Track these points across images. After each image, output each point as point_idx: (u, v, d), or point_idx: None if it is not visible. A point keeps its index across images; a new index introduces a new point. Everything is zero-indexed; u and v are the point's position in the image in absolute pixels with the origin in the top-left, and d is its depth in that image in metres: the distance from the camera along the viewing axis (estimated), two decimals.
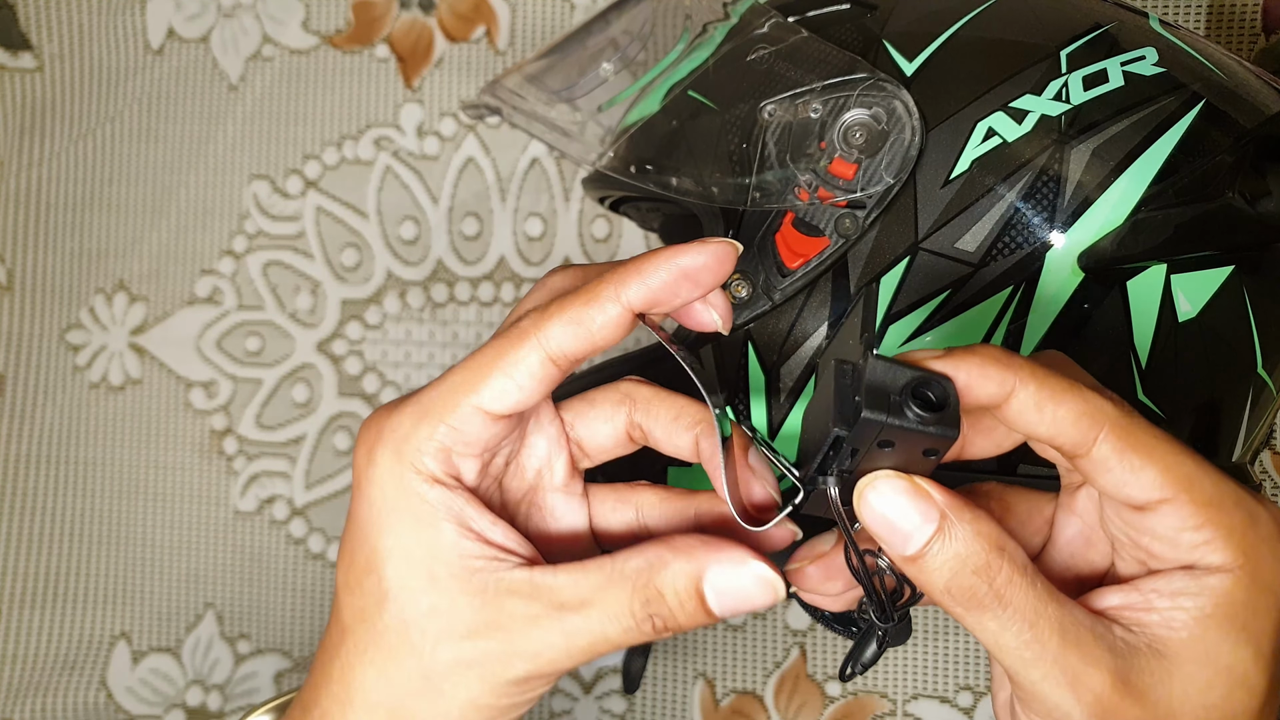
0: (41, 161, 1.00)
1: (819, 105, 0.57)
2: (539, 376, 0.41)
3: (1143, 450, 0.38)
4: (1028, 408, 0.38)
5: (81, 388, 1.00)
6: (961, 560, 0.38)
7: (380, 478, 0.42)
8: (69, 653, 0.98)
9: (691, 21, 0.64)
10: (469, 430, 0.42)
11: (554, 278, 0.45)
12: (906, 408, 0.37)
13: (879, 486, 0.38)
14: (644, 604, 0.41)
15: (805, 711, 0.88)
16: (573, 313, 0.41)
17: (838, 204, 0.57)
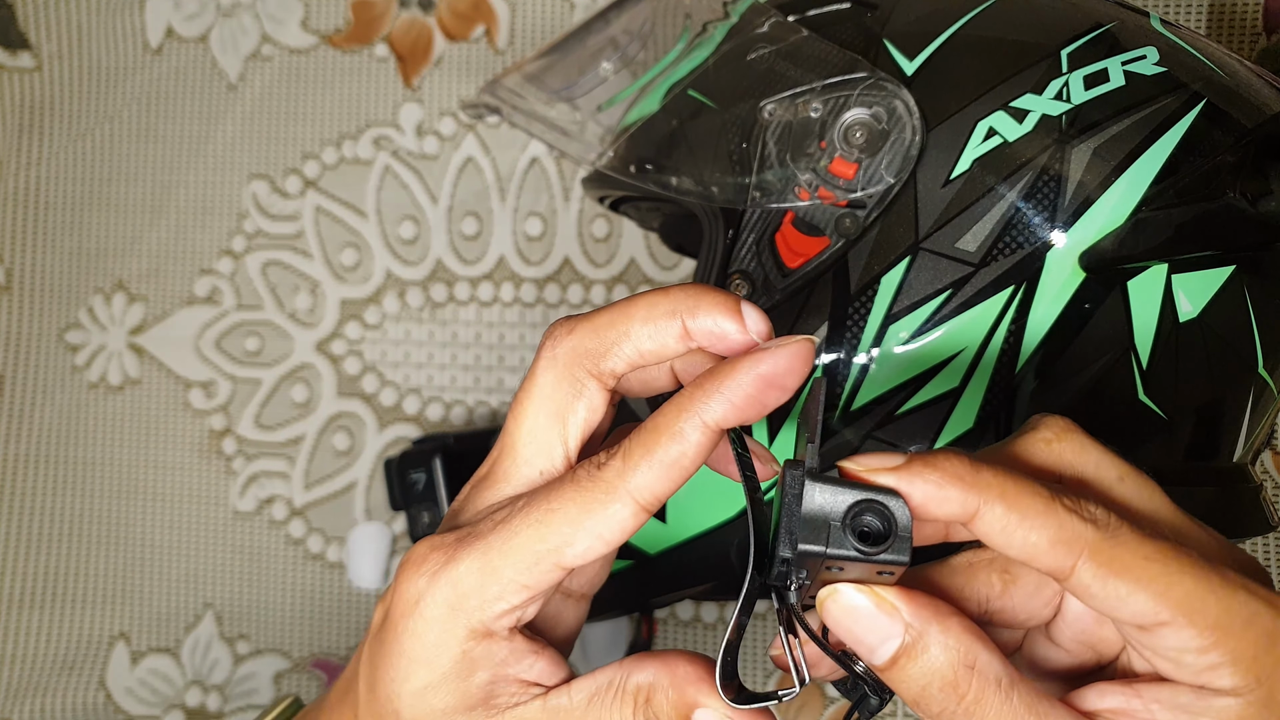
0: (40, 161, 1.00)
1: (819, 104, 0.57)
2: (628, 527, 0.39)
3: (1130, 575, 0.35)
4: (994, 531, 0.36)
5: (80, 387, 1.00)
6: (929, 676, 0.36)
7: (423, 631, 0.40)
8: (68, 653, 0.98)
9: (691, 20, 0.64)
10: (543, 587, 0.40)
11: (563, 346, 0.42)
12: (846, 538, 0.35)
13: (839, 599, 0.37)
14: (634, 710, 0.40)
15: (805, 712, 0.88)
16: (660, 454, 0.38)
17: (838, 203, 0.57)
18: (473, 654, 0.40)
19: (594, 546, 0.39)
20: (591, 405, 0.42)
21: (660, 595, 0.64)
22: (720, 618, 0.89)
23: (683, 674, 0.40)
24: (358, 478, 0.95)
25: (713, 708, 0.39)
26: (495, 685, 0.41)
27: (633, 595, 0.64)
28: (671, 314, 0.40)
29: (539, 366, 0.42)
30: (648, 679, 0.40)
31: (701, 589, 0.65)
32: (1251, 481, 0.62)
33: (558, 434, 0.42)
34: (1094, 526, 0.35)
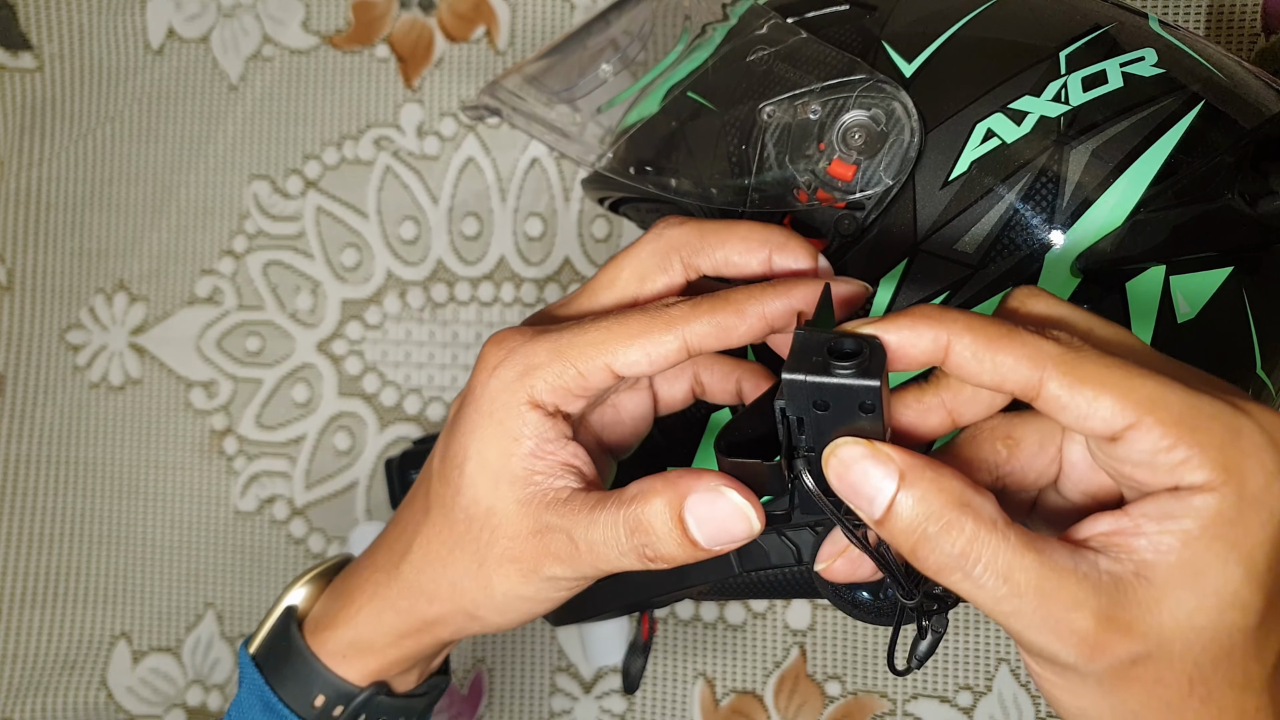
0: (42, 161, 1.00)
1: (818, 106, 0.57)
2: (672, 359, 0.46)
3: (1094, 382, 0.37)
4: (965, 360, 0.39)
5: (81, 387, 1.00)
6: (925, 519, 0.38)
7: (495, 390, 0.47)
8: (69, 652, 0.98)
9: (691, 22, 0.64)
10: (593, 381, 0.46)
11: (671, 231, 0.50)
12: (827, 365, 0.38)
13: (839, 451, 0.39)
14: (630, 532, 0.45)
15: (805, 711, 0.88)
16: (721, 318, 0.45)
17: (836, 205, 0.57)
18: (525, 418, 0.47)
19: (640, 362, 0.45)
20: (670, 283, 0.50)
21: (662, 594, 0.65)
22: (720, 616, 0.89)
23: (670, 476, 0.45)
24: (359, 477, 0.95)
25: (703, 486, 0.44)
26: (534, 461, 0.47)
27: (635, 594, 0.64)
28: (764, 243, 0.49)
29: (644, 240, 0.50)
30: (635, 491, 0.45)
31: (702, 588, 0.65)
32: None
33: (634, 287, 0.50)
34: (1056, 344, 0.38)
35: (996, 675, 0.86)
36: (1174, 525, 0.37)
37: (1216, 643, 0.38)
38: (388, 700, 0.56)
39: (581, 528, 0.46)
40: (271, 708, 0.55)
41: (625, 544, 0.46)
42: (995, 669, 0.86)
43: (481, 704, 0.92)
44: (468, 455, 0.48)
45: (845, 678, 0.88)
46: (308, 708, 0.55)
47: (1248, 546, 0.37)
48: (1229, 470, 0.37)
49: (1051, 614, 0.37)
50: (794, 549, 0.61)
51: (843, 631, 0.88)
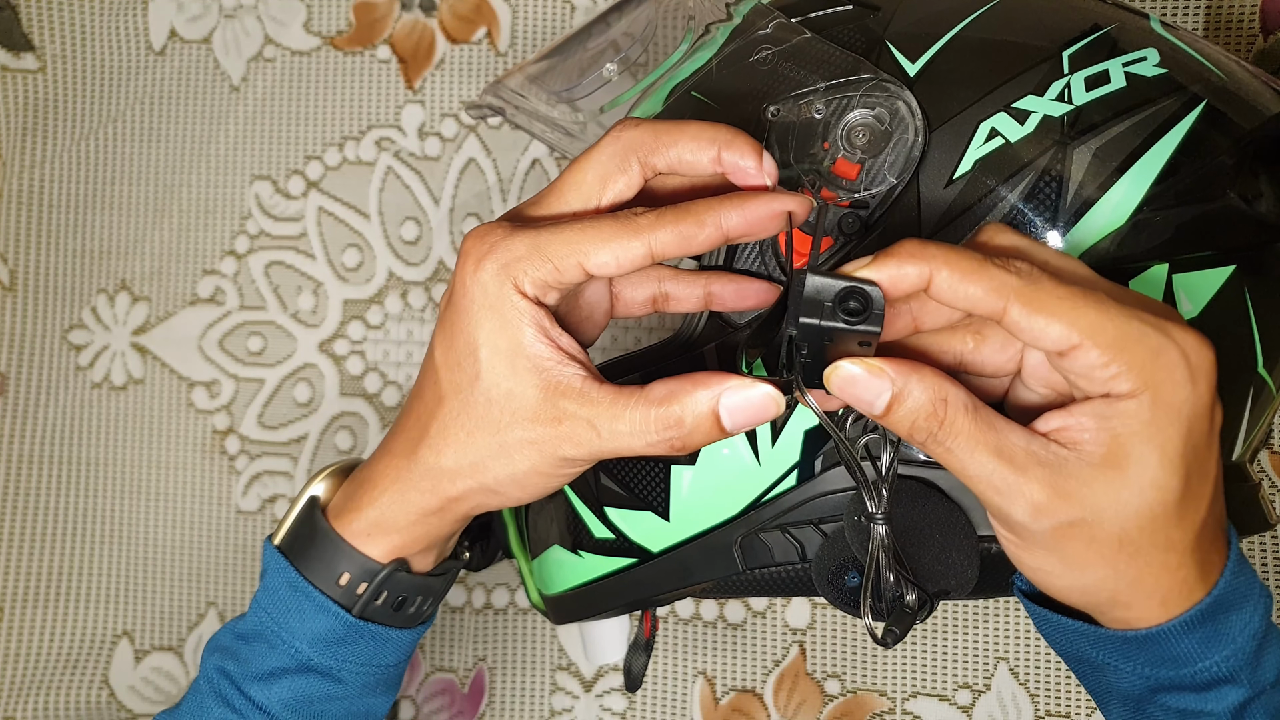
0: (44, 161, 1.00)
1: (822, 105, 0.57)
2: (638, 263, 0.50)
3: (1046, 310, 0.45)
4: (944, 288, 0.46)
5: (84, 387, 0.99)
6: (915, 411, 0.47)
7: (484, 281, 0.51)
8: (71, 651, 0.98)
9: (695, 22, 0.63)
10: (568, 276, 0.50)
11: (628, 133, 0.53)
12: (837, 314, 0.45)
13: (839, 371, 0.47)
14: (662, 428, 0.50)
15: (804, 709, 0.88)
16: (683, 228, 0.50)
17: (841, 204, 0.57)
18: (519, 306, 0.51)
19: (609, 264, 0.50)
20: (630, 182, 0.53)
21: (663, 593, 0.65)
22: (720, 615, 0.89)
23: (702, 377, 0.50)
24: None
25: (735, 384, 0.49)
26: (539, 344, 0.51)
27: (636, 592, 0.64)
28: (713, 141, 0.52)
29: (603, 142, 0.53)
30: (666, 390, 0.50)
31: (703, 586, 0.65)
32: (1249, 480, 0.62)
33: (597, 191, 0.53)
34: (1018, 276, 0.46)
35: (995, 674, 0.86)
36: (1107, 425, 0.46)
37: (1140, 515, 0.47)
38: (408, 577, 0.59)
39: (605, 419, 0.50)
40: (297, 587, 0.58)
41: (655, 436, 0.50)
42: (994, 668, 0.86)
43: (482, 702, 0.92)
44: (479, 343, 0.52)
45: (845, 676, 0.88)
46: (333, 585, 0.58)
47: (1163, 441, 0.46)
48: (1148, 383, 0.45)
49: (1008, 480, 0.47)
50: (798, 546, 0.61)
51: (842, 630, 0.88)
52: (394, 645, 0.61)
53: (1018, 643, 0.85)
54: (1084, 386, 0.47)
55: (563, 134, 0.66)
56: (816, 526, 0.60)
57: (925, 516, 0.57)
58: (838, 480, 0.59)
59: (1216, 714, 0.51)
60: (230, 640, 0.61)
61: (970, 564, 0.57)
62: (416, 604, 0.61)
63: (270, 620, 0.59)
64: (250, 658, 0.59)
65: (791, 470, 0.60)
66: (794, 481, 0.60)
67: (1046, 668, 0.85)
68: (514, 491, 0.55)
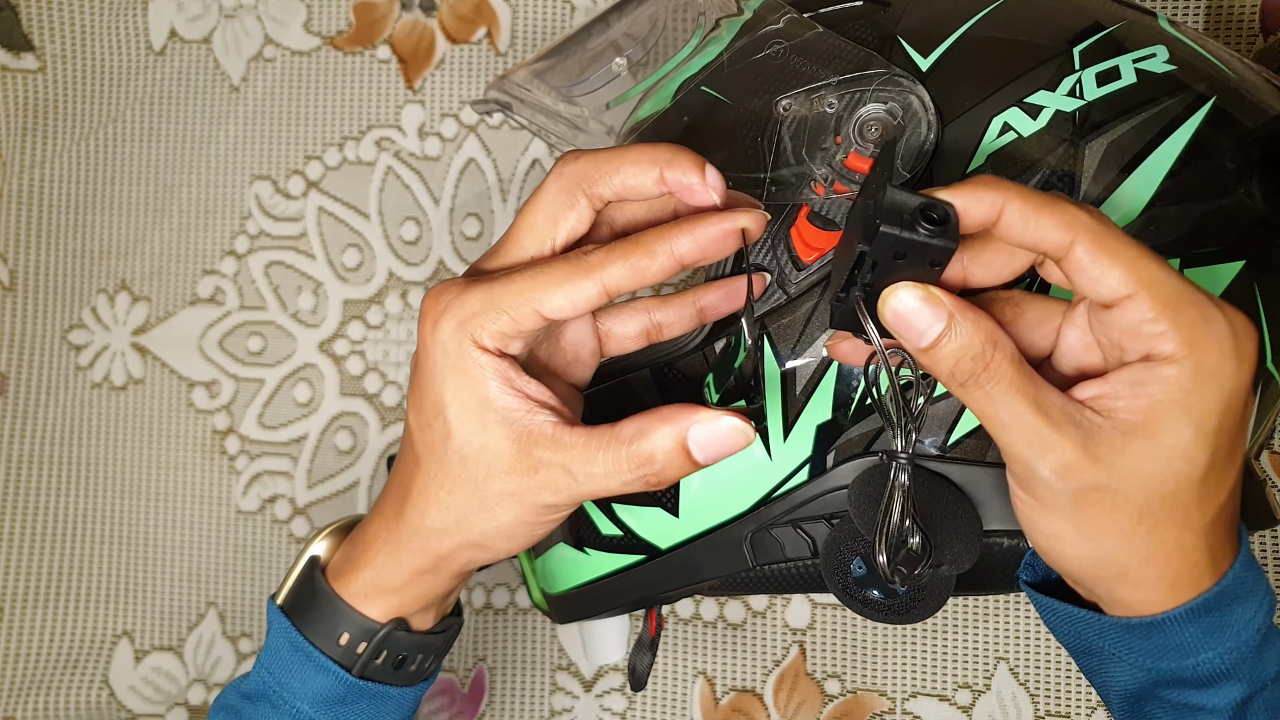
0: (44, 162, 1.00)
1: (834, 100, 0.57)
2: (594, 303, 0.50)
3: (1111, 253, 0.45)
4: (1015, 221, 0.46)
5: (84, 387, 0.99)
6: (963, 349, 0.46)
7: (444, 341, 0.51)
8: (71, 651, 0.98)
9: (704, 18, 0.63)
10: (525, 325, 0.50)
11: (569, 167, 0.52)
12: (917, 224, 0.44)
13: (900, 293, 0.46)
14: (634, 466, 0.50)
15: (804, 709, 0.88)
16: (634, 260, 0.49)
17: (853, 198, 0.57)
18: (480, 361, 0.50)
19: (564, 307, 0.49)
20: (580, 217, 0.52)
21: (670, 590, 0.64)
22: (720, 615, 0.89)
23: (668, 412, 0.50)
24: (360, 477, 0.95)
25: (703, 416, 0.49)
26: (505, 395, 0.51)
27: (643, 590, 0.64)
28: (654, 162, 0.51)
29: (548, 180, 0.52)
30: (635, 428, 0.50)
31: (711, 583, 0.65)
32: (1255, 475, 0.62)
33: (549, 232, 0.52)
34: (1089, 215, 0.45)
35: (995, 674, 0.86)
36: (1144, 391, 0.46)
37: (1165, 486, 0.47)
38: (407, 636, 0.59)
39: (579, 463, 0.50)
40: (298, 646, 0.59)
41: (629, 475, 0.50)
42: (994, 668, 0.86)
43: (482, 702, 0.92)
44: (446, 401, 0.51)
45: (845, 676, 0.88)
46: (333, 645, 0.58)
47: (1200, 413, 0.46)
48: (1193, 347, 0.45)
49: (1040, 435, 0.46)
50: (809, 541, 0.61)
51: (842, 630, 0.88)
52: (396, 704, 0.61)
53: (1018, 643, 0.85)
54: (1126, 345, 0.47)
55: (568, 128, 0.66)
56: (828, 521, 0.60)
57: (934, 500, 0.57)
58: (849, 475, 0.59)
59: (1218, 710, 0.51)
60: (236, 699, 0.62)
61: (972, 548, 0.57)
62: (417, 662, 0.61)
63: (273, 680, 0.60)
64: (254, 717, 0.60)
65: (803, 465, 0.60)
66: (805, 477, 0.60)
67: (1046, 668, 0.85)
68: (501, 544, 0.55)
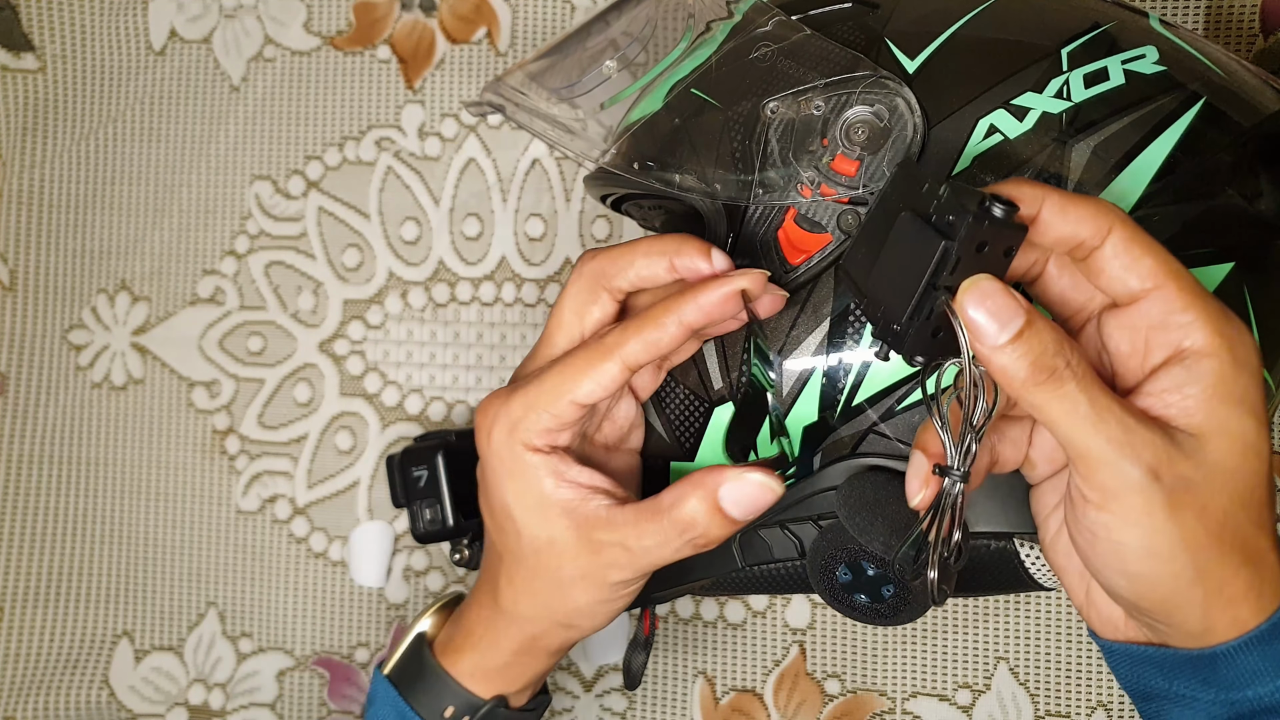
0: (44, 161, 1.00)
1: (821, 102, 0.57)
2: (619, 381, 0.55)
3: (1142, 244, 0.46)
4: (1054, 214, 0.46)
5: (84, 387, 0.99)
6: (1044, 344, 0.45)
7: (499, 449, 0.56)
8: (71, 651, 0.98)
9: (694, 20, 0.63)
10: (565, 418, 0.55)
11: (588, 266, 0.58)
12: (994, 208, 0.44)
13: (982, 284, 0.45)
14: (679, 532, 0.54)
15: (804, 709, 0.88)
16: (646, 335, 0.54)
17: (840, 200, 0.57)
18: (531, 462, 0.56)
19: (594, 390, 0.54)
20: (604, 310, 0.57)
21: (663, 590, 0.65)
22: (720, 615, 0.89)
23: (698, 479, 0.54)
24: (360, 476, 0.95)
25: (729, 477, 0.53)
26: (560, 489, 0.56)
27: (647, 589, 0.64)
28: (663, 253, 0.56)
29: (570, 280, 0.58)
30: (672, 499, 0.54)
31: (704, 583, 0.65)
32: None
33: (578, 325, 0.58)
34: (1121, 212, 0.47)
35: (995, 674, 0.85)
36: (1189, 391, 0.46)
37: (1241, 484, 0.46)
38: (505, 713, 0.64)
39: (633, 539, 0.55)
40: (406, 717, 0.63)
41: (677, 541, 0.55)
42: (994, 667, 0.85)
43: None
44: (510, 505, 0.57)
45: (845, 676, 0.88)
46: (438, 717, 0.63)
47: (1250, 402, 0.46)
48: (1223, 336, 0.46)
49: (1129, 432, 0.45)
50: (796, 543, 0.61)
51: (842, 630, 0.88)
52: None
53: (1018, 643, 0.85)
54: (1152, 341, 0.47)
55: (563, 131, 0.66)
56: (815, 522, 0.61)
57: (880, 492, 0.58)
58: (837, 477, 0.59)
59: None
60: None
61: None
62: None
63: None
64: None
65: (790, 466, 0.60)
66: (792, 478, 0.60)
67: (1046, 668, 0.85)
68: (585, 623, 0.60)
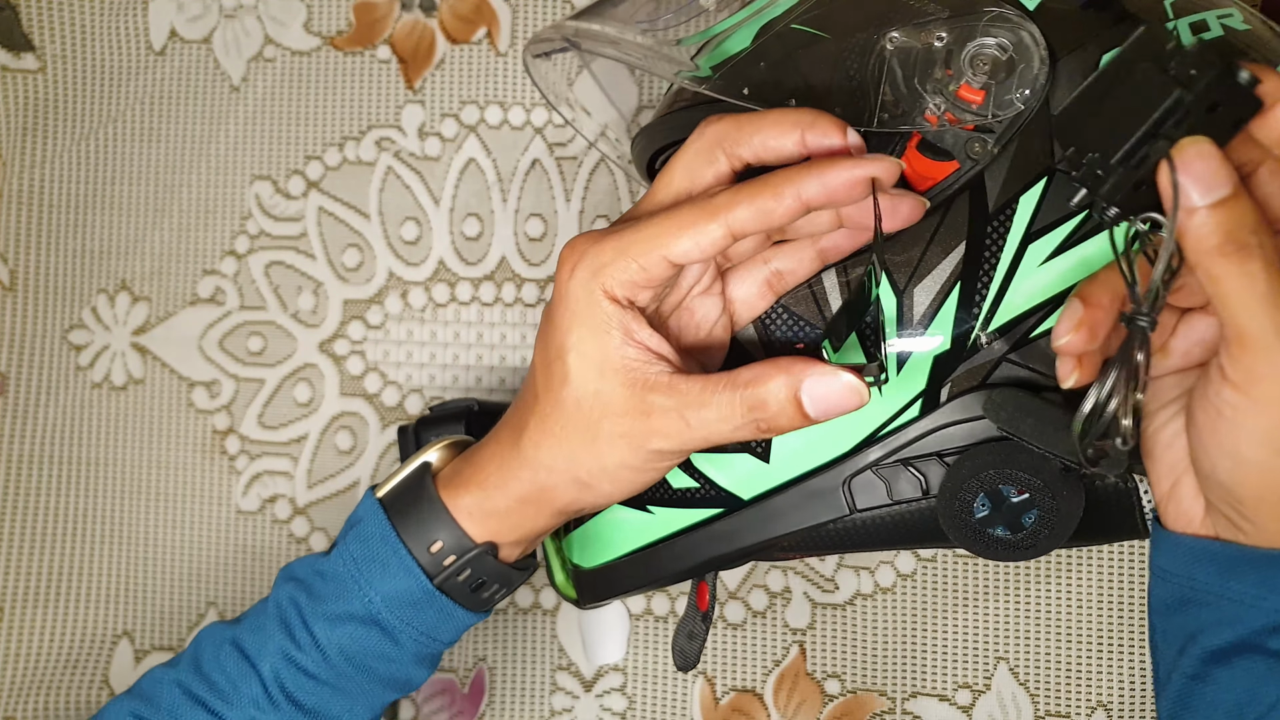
0: (44, 161, 0.97)
1: (944, 34, 0.54)
2: (719, 245, 0.50)
3: None
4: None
5: (84, 387, 0.97)
6: (1244, 217, 0.44)
7: (576, 289, 0.53)
8: (71, 651, 0.96)
9: None
10: (654, 272, 0.52)
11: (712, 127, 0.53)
12: (1240, 71, 0.43)
13: (1202, 144, 0.44)
14: (748, 410, 0.51)
15: (804, 709, 0.87)
16: (760, 202, 0.50)
17: (965, 128, 0.54)
18: (607, 310, 0.52)
19: (691, 250, 0.50)
20: (719, 175, 0.53)
21: (742, 548, 0.61)
22: (720, 615, 0.88)
23: (786, 363, 0.51)
24: (360, 477, 0.93)
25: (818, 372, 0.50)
26: (626, 347, 0.53)
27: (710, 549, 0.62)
28: (795, 125, 0.51)
29: (689, 140, 0.54)
30: (753, 374, 0.51)
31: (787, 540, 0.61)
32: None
33: (687, 183, 0.53)
34: None
35: (995, 674, 0.85)
36: None
37: None
38: (493, 562, 0.60)
39: (694, 407, 0.52)
40: (389, 541, 0.60)
41: (741, 419, 0.51)
42: (994, 667, 0.85)
43: (482, 702, 0.91)
44: (567, 348, 0.53)
45: (845, 676, 0.87)
46: (423, 550, 0.60)
47: None
48: None
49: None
50: (921, 480, 0.58)
51: (843, 630, 0.87)
52: (455, 624, 0.62)
53: (1018, 643, 0.85)
54: None
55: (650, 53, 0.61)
56: (941, 459, 0.58)
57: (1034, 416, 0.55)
58: (965, 409, 0.56)
59: None
60: (308, 574, 0.62)
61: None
62: (491, 590, 0.62)
63: (354, 567, 0.60)
64: (325, 595, 0.60)
65: (915, 400, 0.57)
66: (917, 412, 0.57)
67: (1046, 668, 0.84)
68: (605, 485, 0.56)
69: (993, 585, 0.82)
